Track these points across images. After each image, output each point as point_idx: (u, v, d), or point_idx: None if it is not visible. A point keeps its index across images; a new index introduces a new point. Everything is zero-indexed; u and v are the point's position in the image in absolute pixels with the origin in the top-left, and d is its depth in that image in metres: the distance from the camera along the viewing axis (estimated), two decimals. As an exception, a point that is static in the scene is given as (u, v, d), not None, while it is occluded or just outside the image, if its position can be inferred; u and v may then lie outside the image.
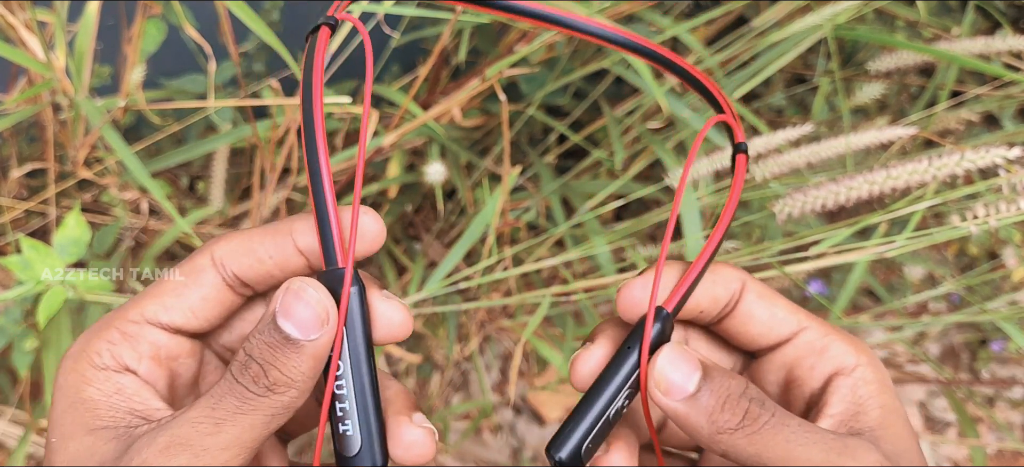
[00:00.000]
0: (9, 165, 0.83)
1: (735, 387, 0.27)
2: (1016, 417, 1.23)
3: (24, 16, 0.69)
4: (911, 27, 1.03)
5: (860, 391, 0.29)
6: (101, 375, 0.27)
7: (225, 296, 0.29)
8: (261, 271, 0.28)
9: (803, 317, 0.30)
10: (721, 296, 0.30)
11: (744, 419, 0.27)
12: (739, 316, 0.30)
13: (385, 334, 0.28)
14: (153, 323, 0.28)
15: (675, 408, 0.27)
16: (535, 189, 0.97)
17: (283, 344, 0.26)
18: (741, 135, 0.32)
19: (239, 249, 0.28)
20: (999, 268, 1.13)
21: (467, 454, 1.12)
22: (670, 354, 0.28)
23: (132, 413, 0.26)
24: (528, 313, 1.03)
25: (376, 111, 0.80)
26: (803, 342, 0.30)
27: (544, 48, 0.88)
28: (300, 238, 0.28)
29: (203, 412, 0.25)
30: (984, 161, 0.51)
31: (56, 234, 0.63)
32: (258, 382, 0.25)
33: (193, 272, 0.28)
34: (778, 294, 0.31)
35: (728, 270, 0.30)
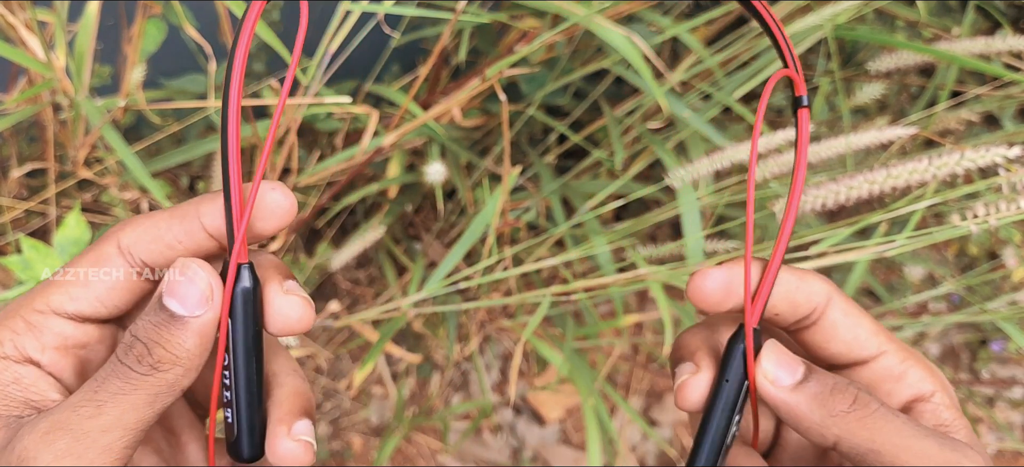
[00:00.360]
0: (9, 165, 0.83)
1: (841, 380, 0.28)
2: (1016, 417, 1.23)
3: (24, 16, 0.69)
4: (911, 27, 1.03)
5: (942, 416, 0.29)
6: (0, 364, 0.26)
7: (134, 283, 0.28)
8: (170, 256, 0.28)
9: (884, 339, 0.30)
10: (801, 305, 0.30)
11: (855, 404, 0.27)
12: (822, 331, 0.30)
13: (281, 327, 0.28)
14: (59, 313, 0.27)
15: (784, 398, 0.28)
16: (535, 189, 0.97)
17: (168, 322, 0.26)
18: (802, 89, 0.31)
19: (146, 236, 0.27)
20: (999, 268, 1.13)
21: (467, 454, 1.12)
22: (772, 351, 0.28)
23: (27, 403, 0.26)
24: (528, 313, 1.03)
25: (376, 111, 0.80)
26: (881, 366, 0.30)
27: (544, 48, 0.88)
28: (208, 220, 0.27)
29: (85, 395, 0.25)
30: (984, 160, 0.51)
31: (56, 234, 0.63)
32: (142, 361, 0.25)
33: (99, 260, 0.28)
34: (864, 312, 0.30)
35: (816, 282, 0.30)
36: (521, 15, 0.90)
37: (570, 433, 1.17)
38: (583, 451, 1.15)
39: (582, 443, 1.16)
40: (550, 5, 0.77)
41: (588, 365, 0.92)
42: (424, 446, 1.11)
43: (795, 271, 0.30)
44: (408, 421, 1.06)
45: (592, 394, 0.82)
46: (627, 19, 0.87)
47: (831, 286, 0.30)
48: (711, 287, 0.29)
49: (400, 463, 1.10)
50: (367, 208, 1.09)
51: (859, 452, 0.27)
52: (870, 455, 0.27)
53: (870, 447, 0.26)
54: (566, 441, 1.17)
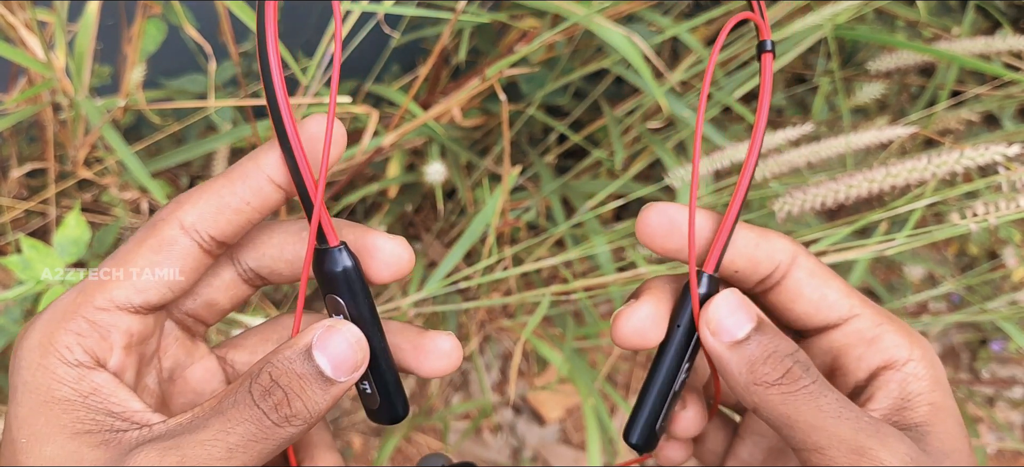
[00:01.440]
0: (9, 165, 0.83)
1: (784, 347, 0.27)
2: (1016, 417, 1.23)
3: (24, 16, 0.69)
4: (911, 27, 1.03)
5: (909, 387, 0.27)
6: (74, 372, 0.24)
7: (202, 262, 0.26)
8: (240, 222, 0.26)
9: (857, 302, 0.29)
10: (762, 262, 0.28)
11: (785, 377, 0.26)
12: (786, 291, 0.29)
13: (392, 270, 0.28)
14: (125, 308, 0.25)
15: (720, 351, 0.27)
16: (535, 189, 0.97)
17: (314, 378, 0.25)
18: (767, 33, 0.29)
19: (209, 208, 0.26)
20: (999, 268, 1.13)
21: (467, 454, 1.12)
22: (729, 298, 0.27)
23: (112, 415, 0.24)
24: (528, 313, 1.03)
25: (376, 111, 0.80)
26: (853, 330, 0.28)
27: (544, 48, 0.88)
28: (273, 170, 0.26)
29: (216, 435, 0.24)
30: (983, 159, 0.51)
31: (56, 234, 0.63)
32: (280, 411, 0.24)
33: (163, 245, 0.26)
34: (834, 274, 0.29)
35: (778, 239, 0.29)
36: (521, 15, 0.90)
37: (570, 433, 1.17)
38: (583, 451, 1.15)
39: (582, 443, 1.16)
40: (550, 5, 0.77)
41: (588, 365, 0.92)
42: (424, 446, 1.11)
43: (757, 229, 0.29)
44: (408, 421, 1.06)
45: (592, 394, 0.82)
46: (627, 19, 0.87)
47: (798, 247, 0.29)
48: (657, 221, 0.28)
49: (400, 463, 1.10)
50: (367, 208, 1.09)
51: (775, 423, 0.27)
52: (784, 428, 0.26)
53: (785, 422, 0.26)
54: (566, 441, 1.17)
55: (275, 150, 0.26)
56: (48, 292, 0.60)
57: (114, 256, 0.26)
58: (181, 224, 0.26)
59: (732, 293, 0.27)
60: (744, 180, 0.28)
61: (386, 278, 0.28)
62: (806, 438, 0.26)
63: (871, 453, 0.25)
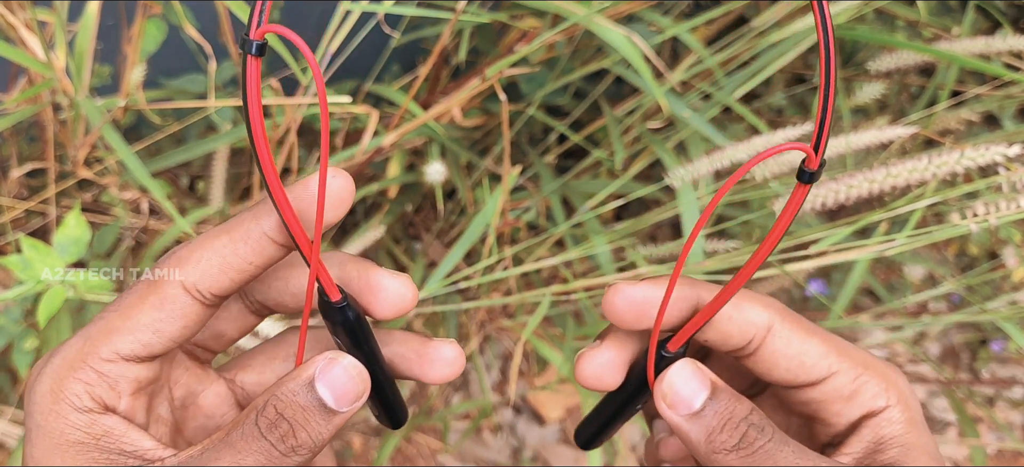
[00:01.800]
0: (9, 165, 0.83)
1: (739, 411, 0.28)
2: (1016, 417, 1.23)
3: (24, 16, 0.69)
4: (911, 27, 1.03)
5: (882, 431, 0.28)
6: (85, 418, 0.25)
7: (204, 316, 0.27)
8: (242, 279, 0.27)
9: (835, 359, 0.29)
10: (734, 336, 0.29)
11: (741, 441, 0.27)
12: (763, 360, 0.29)
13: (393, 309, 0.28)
14: (130, 359, 0.26)
15: (678, 422, 0.28)
16: (535, 189, 0.97)
17: (317, 408, 0.26)
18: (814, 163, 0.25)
19: (213, 269, 0.26)
20: (999, 268, 1.13)
21: (467, 454, 1.12)
22: (683, 370, 0.28)
23: (123, 453, 0.26)
24: (528, 313, 1.03)
25: (376, 111, 0.80)
26: (831, 388, 0.29)
27: (544, 48, 0.88)
28: (274, 232, 0.26)
29: None
30: (984, 159, 0.51)
31: (56, 234, 0.63)
32: (285, 441, 0.25)
33: (165, 304, 0.26)
34: (813, 332, 0.29)
35: (752, 309, 0.29)
36: (521, 15, 0.90)
37: (570, 433, 1.17)
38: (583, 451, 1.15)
39: (582, 443, 1.16)
40: (550, 5, 0.77)
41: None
42: (424, 446, 1.11)
43: (735, 299, 0.28)
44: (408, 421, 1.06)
45: (592, 394, 0.82)
46: (627, 19, 0.87)
47: (774, 311, 0.29)
48: (623, 306, 0.29)
49: (400, 463, 1.10)
50: (367, 208, 1.09)
51: None
52: None
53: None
54: (566, 441, 1.17)
55: (271, 208, 0.26)
56: (48, 292, 0.60)
57: (118, 307, 0.27)
58: (184, 285, 0.26)
59: (685, 365, 0.28)
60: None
61: (388, 316, 0.28)
62: None
63: None
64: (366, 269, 0.28)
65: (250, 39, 0.23)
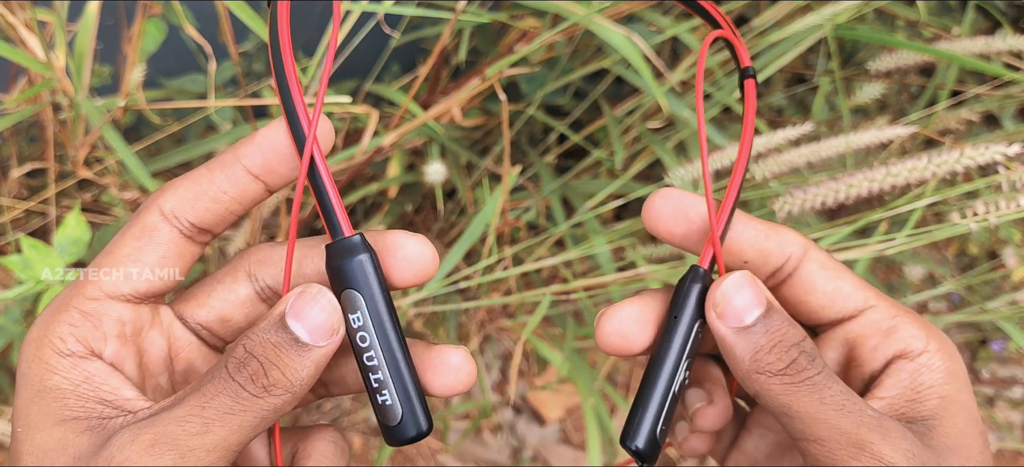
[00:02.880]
0: (9, 165, 0.83)
1: (792, 335, 0.26)
2: (1016, 417, 1.23)
3: (24, 16, 0.69)
4: (911, 27, 1.03)
5: (921, 378, 0.27)
6: (66, 362, 0.25)
7: (184, 248, 0.27)
8: (218, 210, 0.26)
9: (871, 294, 0.28)
10: (773, 254, 0.28)
11: (789, 367, 0.26)
12: (799, 284, 0.28)
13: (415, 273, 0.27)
14: (114, 297, 0.26)
15: (725, 333, 0.26)
16: (535, 189, 0.97)
17: (290, 345, 0.24)
18: (747, 59, 0.29)
19: (189, 195, 0.26)
20: (999, 268, 1.13)
21: (467, 454, 1.12)
22: (739, 280, 0.27)
23: (103, 403, 0.25)
24: (528, 313, 1.03)
25: (376, 111, 0.80)
26: (868, 321, 0.28)
27: (544, 48, 0.88)
28: (249, 161, 0.26)
29: (192, 410, 0.24)
30: (983, 158, 0.51)
31: (56, 234, 0.63)
32: (256, 381, 0.24)
33: (145, 232, 0.26)
34: (846, 268, 0.29)
35: (789, 233, 0.28)
36: (521, 15, 0.90)
37: (570, 433, 1.17)
38: (583, 451, 1.15)
39: (582, 443, 1.16)
40: (550, 5, 0.77)
41: (588, 365, 0.92)
42: (424, 446, 1.11)
43: (766, 223, 0.28)
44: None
45: (592, 394, 0.82)
46: (627, 19, 0.87)
47: (808, 242, 0.29)
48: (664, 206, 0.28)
49: (400, 463, 1.10)
50: (367, 208, 1.09)
51: (775, 411, 0.26)
52: (785, 417, 0.26)
53: (785, 411, 0.26)
54: (566, 441, 1.17)
55: (252, 141, 0.26)
56: (48, 292, 0.60)
57: (105, 249, 0.27)
58: (161, 211, 0.26)
59: (743, 274, 0.27)
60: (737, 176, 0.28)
61: (409, 279, 0.27)
62: (807, 429, 0.25)
63: (872, 448, 0.25)
64: (381, 233, 0.27)
65: None
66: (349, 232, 0.25)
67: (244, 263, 0.28)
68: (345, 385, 0.30)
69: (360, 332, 0.26)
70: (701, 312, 0.27)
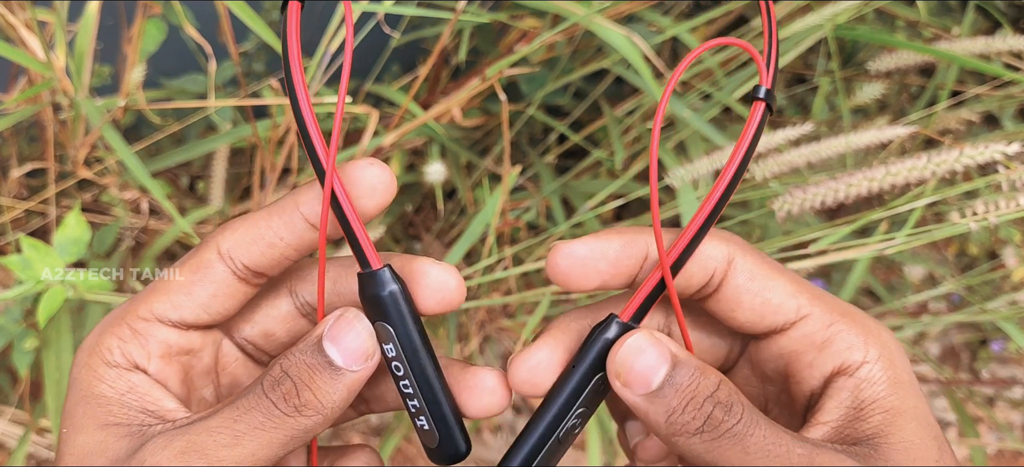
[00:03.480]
0: (9, 165, 0.83)
1: (704, 387, 0.24)
2: (1016, 417, 1.23)
3: (24, 16, 0.69)
4: (911, 27, 1.03)
5: (863, 394, 0.25)
6: (112, 372, 0.26)
7: (236, 288, 0.27)
8: (273, 255, 0.27)
9: (805, 301, 0.26)
10: (693, 273, 0.26)
11: (706, 424, 0.24)
12: (726, 298, 0.26)
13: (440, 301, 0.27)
14: (163, 321, 0.27)
15: (634, 401, 0.25)
16: (535, 189, 0.97)
17: (324, 368, 0.25)
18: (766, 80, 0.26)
19: (246, 238, 0.27)
20: (999, 268, 1.13)
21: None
22: (637, 343, 0.25)
23: (145, 412, 0.26)
24: (528, 313, 1.03)
25: (376, 111, 0.80)
26: (801, 334, 0.26)
27: (544, 48, 0.88)
28: (307, 209, 0.26)
29: (224, 422, 0.25)
30: (983, 157, 0.51)
31: (56, 234, 0.63)
32: (288, 400, 0.25)
33: (200, 268, 0.27)
34: (780, 270, 0.27)
35: (709, 243, 0.26)
36: (521, 15, 0.90)
37: (570, 433, 1.17)
38: (583, 451, 1.15)
39: (582, 443, 1.16)
40: (550, 5, 0.77)
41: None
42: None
43: None
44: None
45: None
46: (627, 19, 0.87)
47: (735, 246, 0.26)
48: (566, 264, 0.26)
49: (400, 463, 1.10)
50: (367, 208, 1.09)
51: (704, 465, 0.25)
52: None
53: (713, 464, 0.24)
54: (566, 441, 1.17)
55: (313, 189, 0.26)
56: (48, 292, 0.60)
57: (164, 275, 0.28)
58: (218, 249, 0.27)
59: (640, 336, 0.25)
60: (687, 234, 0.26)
61: (433, 308, 0.27)
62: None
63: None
64: (407, 259, 0.27)
65: None
66: (377, 264, 0.26)
67: (285, 280, 0.29)
68: (385, 403, 0.31)
69: (395, 362, 0.27)
70: (602, 366, 0.26)
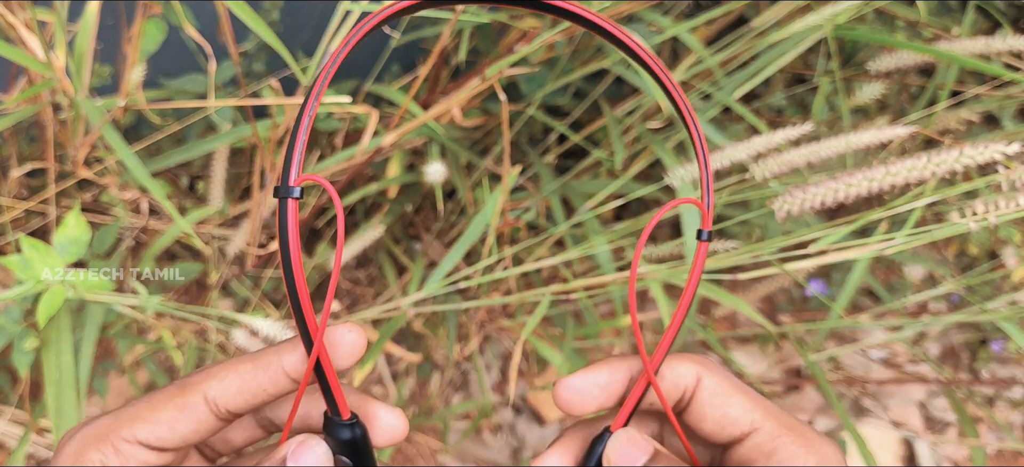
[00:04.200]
0: (9, 165, 0.83)
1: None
2: (1016, 417, 1.23)
3: (24, 16, 0.69)
4: (911, 27, 1.03)
5: None
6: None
7: (215, 426, 0.30)
8: (255, 403, 0.30)
9: (759, 416, 0.30)
10: (671, 395, 0.31)
11: None
12: (694, 412, 0.31)
13: (388, 439, 0.31)
14: (145, 445, 0.29)
15: None
16: (535, 189, 0.97)
17: None
18: (707, 224, 0.31)
19: (233, 389, 0.29)
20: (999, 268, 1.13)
21: (467, 454, 1.12)
22: (618, 440, 0.30)
23: None
24: (528, 313, 1.03)
25: (376, 111, 0.80)
26: (753, 444, 0.30)
27: (544, 48, 0.88)
28: (290, 367, 0.30)
29: None
30: (983, 157, 0.51)
31: (56, 234, 0.63)
32: None
33: (185, 408, 0.30)
34: (739, 389, 0.31)
35: (681, 364, 0.31)
36: (521, 15, 0.90)
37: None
38: (583, 451, 1.15)
39: None
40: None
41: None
42: (424, 446, 1.11)
43: (668, 360, 0.31)
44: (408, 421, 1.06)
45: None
46: (627, 19, 0.87)
47: (703, 367, 0.31)
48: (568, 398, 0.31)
49: (400, 463, 1.10)
50: (367, 208, 1.09)
51: None
52: None
53: None
54: (566, 441, 1.17)
55: (297, 350, 0.29)
56: (48, 292, 0.60)
57: (148, 400, 0.30)
58: (205, 396, 0.30)
59: (620, 435, 0.30)
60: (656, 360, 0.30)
61: (381, 445, 0.31)
62: None
63: None
64: (365, 402, 0.31)
65: (290, 186, 0.27)
66: (346, 416, 0.30)
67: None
68: None
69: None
70: None
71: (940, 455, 1.18)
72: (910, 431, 1.20)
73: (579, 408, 0.31)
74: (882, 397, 1.24)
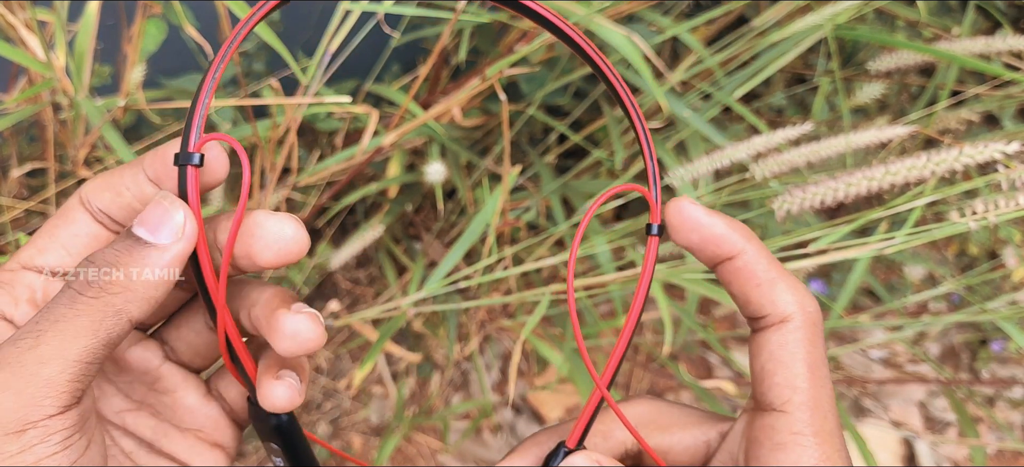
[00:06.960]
0: (9, 165, 0.83)
1: None
2: (1016, 417, 1.23)
3: (24, 16, 0.69)
4: (911, 27, 1.03)
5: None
6: None
7: (96, 231, 0.29)
8: (122, 203, 0.28)
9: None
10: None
11: None
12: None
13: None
14: (28, 267, 0.28)
15: None
16: (535, 189, 0.97)
17: (131, 246, 0.25)
18: (656, 217, 0.30)
19: (102, 185, 0.29)
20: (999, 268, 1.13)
21: (467, 454, 1.12)
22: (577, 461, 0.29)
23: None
24: (528, 312, 1.03)
25: (376, 111, 0.80)
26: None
27: (544, 48, 0.88)
28: (149, 169, 0.28)
29: (28, 326, 0.24)
30: (983, 156, 0.51)
31: (56, 233, 0.62)
32: (91, 284, 0.24)
33: (64, 213, 0.29)
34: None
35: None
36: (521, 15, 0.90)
37: (570, 433, 1.17)
38: (583, 451, 1.15)
39: (582, 443, 1.16)
40: (550, 5, 0.77)
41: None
42: (424, 446, 1.11)
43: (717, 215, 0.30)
44: (408, 421, 1.06)
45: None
46: (627, 19, 0.87)
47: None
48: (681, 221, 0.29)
49: (400, 463, 1.10)
50: (367, 208, 1.09)
51: None
52: None
53: None
54: (566, 441, 1.17)
55: (158, 153, 0.28)
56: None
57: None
58: (80, 196, 0.29)
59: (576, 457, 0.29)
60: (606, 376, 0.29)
61: (271, 260, 0.26)
62: None
63: None
64: (248, 216, 0.27)
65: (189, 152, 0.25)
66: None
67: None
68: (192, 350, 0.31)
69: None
70: None
71: (940, 455, 1.18)
72: (910, 431, 1.20)
73: (685, 236, 0.29)
74: (882, 397, 1.24)
